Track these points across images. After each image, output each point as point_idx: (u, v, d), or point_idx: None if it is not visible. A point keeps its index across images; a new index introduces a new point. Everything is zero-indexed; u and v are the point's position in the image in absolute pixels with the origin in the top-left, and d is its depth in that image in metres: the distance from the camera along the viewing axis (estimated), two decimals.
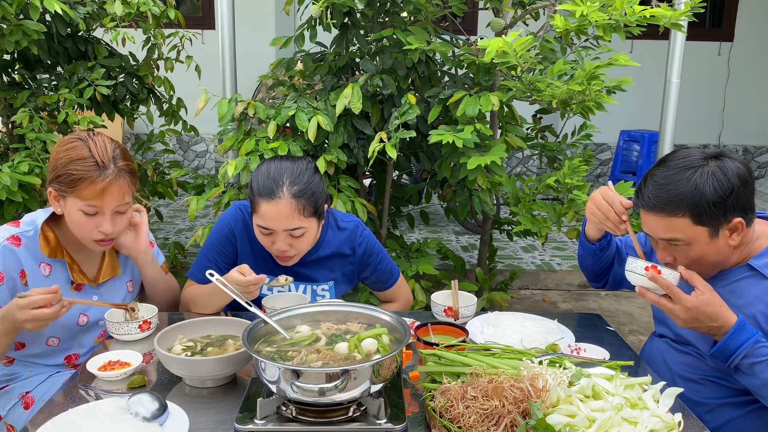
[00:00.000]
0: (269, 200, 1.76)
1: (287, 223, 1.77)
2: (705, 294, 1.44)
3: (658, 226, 1.50)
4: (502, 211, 5.20)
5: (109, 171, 1.62)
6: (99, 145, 1.64)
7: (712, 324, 1.43)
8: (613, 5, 2.34)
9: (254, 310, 1.49)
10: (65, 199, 1.64)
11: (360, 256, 2.01)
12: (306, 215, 1.79)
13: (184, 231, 5.34)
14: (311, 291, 2.00)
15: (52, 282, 1.70)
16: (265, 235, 1.82)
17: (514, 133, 3.07)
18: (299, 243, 1.83)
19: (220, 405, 1.38)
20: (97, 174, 1.60)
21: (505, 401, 1.20)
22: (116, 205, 1.66)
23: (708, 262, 1.51)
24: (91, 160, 1.60)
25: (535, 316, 1.81)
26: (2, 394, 1.75)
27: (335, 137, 2.86)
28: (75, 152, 1.61)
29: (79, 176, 1.59)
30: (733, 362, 1.43)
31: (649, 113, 5.92)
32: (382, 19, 3.15)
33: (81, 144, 1.63)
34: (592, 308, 4.18)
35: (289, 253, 1.84)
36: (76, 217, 1.64)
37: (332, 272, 2.01)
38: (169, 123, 3.56)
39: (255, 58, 5.13)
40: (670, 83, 3.77)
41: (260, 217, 1.79)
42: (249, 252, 1.97)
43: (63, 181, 1.61)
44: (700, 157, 1.47)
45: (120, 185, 1.64)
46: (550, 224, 2.87)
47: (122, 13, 2.94)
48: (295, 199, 1.76)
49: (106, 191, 1.62)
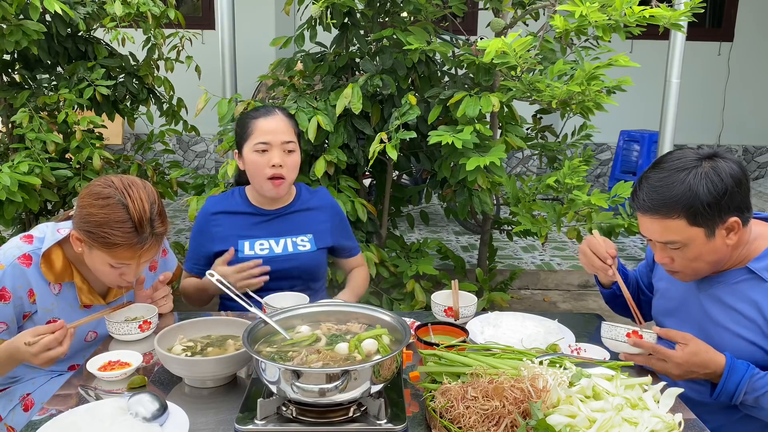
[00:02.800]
0: (266, 116, 2.03)
1: (283, 135, 2.01)
2: (689, 345, 1.46)
3: (655, 228, 1.50)
4: (502, 211, 5.20)
5: (147, 235, 1.55)
6: (137, 205, 1.54)
7: (706, 371, 1.46)
8: (612, 5, 2.34)
9: (254, 310, 1.49)
10: (92, 249, 1.58)
11: (332, 213, 2.18)
12: (295, 134, 2.06)
13: (184, 231, 5.34)
14: (292, 243, 2.09)
15: (61, 300, 1.69)
16: (261, 155, 1.99)
17: (514, 133, 3.07)
18: (290, 161, 2.02)
19: (220, 405, 1.38)
20: (135, 241, 1.53)
21: (505, 401, 1.20)
22: (145, 265, 1.65)
23: (706, 262, 1.51)
24: (129, 225, 1.52)
25: (535, 316, 1.81)
26: (3, 395, 1.75)
27: (335, 137, 2.86)
28: (113, 214, 1.52)
29: (115, 242, 1.52)
30: (737, 400, 1.46)
31: (649, 113, 5.92)
32: (382, 19, 3.15)
33: (118, 205, 1.53)
34: (592, 308, 4.17)
35: (283, 171, 2.00)
36: (102, 268, 1.60)
37: (310, 225, 2.13)
38: (169, 123, 3.56)
39: (255, 58, 5.13)
40: (670, 83, 3.77)
41: (259, 134, 2.00)
42: (224, 227, 2.07)
43: (96, 239, 1.53)
44: (693, 158, 1.47)
45: (154, 249, 1.60)
46: (550, 224, 2.87)
47: (122, 14, 2.94)
48: (287, 117, 2.07)
49: (142, 255, 1.58)
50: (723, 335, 1.54)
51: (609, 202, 2.68)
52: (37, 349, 1.45)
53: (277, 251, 2.06)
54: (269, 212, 2.10)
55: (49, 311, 1.69)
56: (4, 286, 1.61)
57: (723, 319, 1.55)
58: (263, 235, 2.08)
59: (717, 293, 1.57)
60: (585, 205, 2.72)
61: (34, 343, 1.45)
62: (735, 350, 1.50)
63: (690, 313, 1.64)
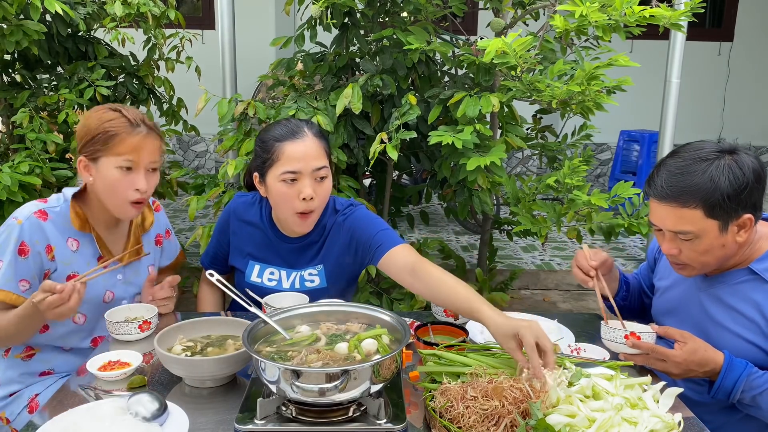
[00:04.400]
0: (294, 140, 1.75)
1: (314, 161, 1.75)
2: (688, 343, 1.45)
3: (669, 216, 1.48)
4: (502, 211, 5.20)
5: (142, 128, 1.70)
6: (128, 108, 1.73)
7: (705, 369, 1.46)
8: (612, 5, 2.34)
9: (254, 310, 1.49)
10: (98, 162, 1.68)
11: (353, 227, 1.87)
12: (327, 155, 1.81)
13: (184, 231, 5.34)
14: (300, 279, 1.91)
15: (79, 257, 1.73)
16: (290, 185, 1.75)
17: (514, 133, 3.07)
18: (323, 190, 1.79)
19: (220, 405, 1.38)
20: (131, 129, 1.68)
21: (505, 401, 1.20)
22: (150, 161, 1.71)
23: (713, 257, 1.50)
24: (123, 119, 1.68)
25: (535, 316, 1.81)
26: (12, 400, 1.75)
27: (335, 137, 2.86)
28: (106, 115, 1.69)
29: (114, 132, 1.66)
30: (734, 398, 1.46)
31: (649, 113, 5.92)
32: (382, 19, 3.15)
33: (109, 109, 1.71)
34: (592, 308, 4.17)
35: (314, 204, 1.78)
36: (111, 176, 1.68)
37: (323, 254, 1.90)
38: (169, 123, 3.56)
39: (255, 58, 5.13)
40: (670, 83, 3.78)
41: (286, 161, 1.74)
42: (241, 239, 1.97)
43: (98, 141, 1.66)
44: (715, 149, 1.46)
45: (153, 141, 1.72)
46: (550, 224, 2.87)
47: (122, 14, 2.94)
48: (318, 138, 1.79)
49: (141, 145, 1.68)
50: (723, 335, 1.54)
51: (609, 202, 2.68)
52: (44, 307, 1.50)
53: (285, 286, 1.91)
54: (289, 239, 1.91)
55: (68, 265, 1.72)
56: (23, 240, 1.64)
57: (723, 319, 1.55)
58: (277, 262, 1.92)
59: (718, 293, 1.57)
60: (585, 205, 2.72)
61: (41, 300, 1.49)
62: (735, 350, 1.50)
63: (690, 313, 1.64)
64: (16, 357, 1.78)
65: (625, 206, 2.80)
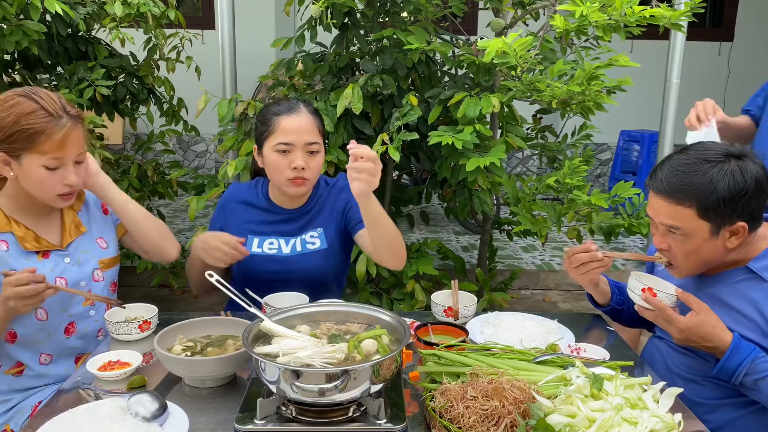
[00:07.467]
0: (289, 114, 1.91)
1: (307, 135, 1.90)
2: (699, 315, 1.46)
3: (663, 210, 1.49)
4: (502, 211, 5.20)
5: (65, 120, 1.56)
6: (44, 96, 1.56)
7: (707, 344, 1.47)
8: (612, 5, 2.34)
9: (254, 310, 1.49)
10: (20, 159, 1.56)
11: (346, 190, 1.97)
12: (320, 132, 1.95)
13: (184, 231, 5.34)
14: (301, 242, 2.01)
15: (11, 257, 1.64)
16: (283, 155, 1.89)
17: (514, 133, 3.07)
18: (314, 163, 1.92)
19: (220, 405, 1.38)
20: (54, 125, 1.54)
21: (505, 401, 1.20)
22: (77, 154, 1.61)
23: (701, 259, 1.52)
24: (42, 112, 1.54)
25: (535, 316, 1.81)
26: (16, 411, 1.73)
27: (335, 137, 2.86)
28: (21, 108, 1.53)
29: (35, 129, 1.52)
30: (736, 380, 1.45)
31: (649, 113, 5.91)
32: (382, 19, 3.15)
33: (24, 99, 1.55)
34: (592, 308, 4.17)
35: (306, 174, 1.90)
36: (38, 174, 1.57)
37: (321, 218, 2.02)
38: (169, 123, 3.56)
39: (255, 59, 5.13)
40: (670, 83, 3.78)
41: (281, 133, 1.89)
42: (239, 218, 2.04)
43: (17, 139, 1.53)
44: (722, 152, 1.46)
45: (77, 133, 1.60)
46: (550, 224, 2.87)
47: (122, 14, 2.94)
48: (312, 114, 1.95)
49: (67, 140, 1.56)
50: None
51: (609, 202, 2.68)
52: (12, 280, 1.47)
53: (286, 251, 2.00)
54: (286, 211, 2.03)
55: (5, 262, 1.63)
56: None
57: (722, 318, 1.54)
58: (275, 233, 2.02)
59: (716, 292, 1.57)
60: (585, 205, 2.72)
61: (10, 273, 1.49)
62: None
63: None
64: (6, 373, 1.72)
65: (625, 206, 2.80)
